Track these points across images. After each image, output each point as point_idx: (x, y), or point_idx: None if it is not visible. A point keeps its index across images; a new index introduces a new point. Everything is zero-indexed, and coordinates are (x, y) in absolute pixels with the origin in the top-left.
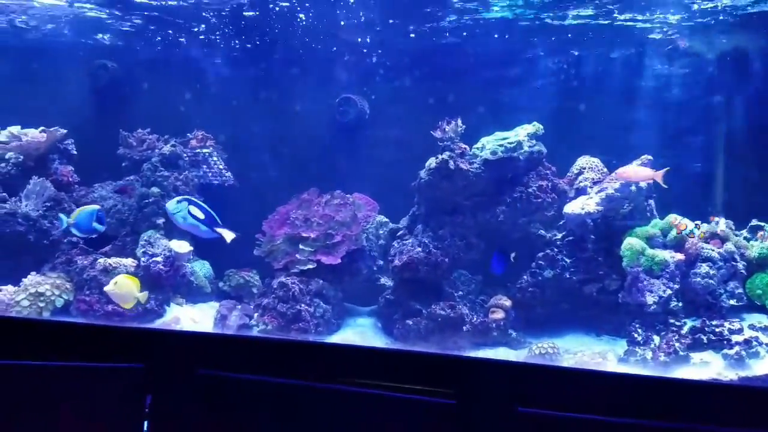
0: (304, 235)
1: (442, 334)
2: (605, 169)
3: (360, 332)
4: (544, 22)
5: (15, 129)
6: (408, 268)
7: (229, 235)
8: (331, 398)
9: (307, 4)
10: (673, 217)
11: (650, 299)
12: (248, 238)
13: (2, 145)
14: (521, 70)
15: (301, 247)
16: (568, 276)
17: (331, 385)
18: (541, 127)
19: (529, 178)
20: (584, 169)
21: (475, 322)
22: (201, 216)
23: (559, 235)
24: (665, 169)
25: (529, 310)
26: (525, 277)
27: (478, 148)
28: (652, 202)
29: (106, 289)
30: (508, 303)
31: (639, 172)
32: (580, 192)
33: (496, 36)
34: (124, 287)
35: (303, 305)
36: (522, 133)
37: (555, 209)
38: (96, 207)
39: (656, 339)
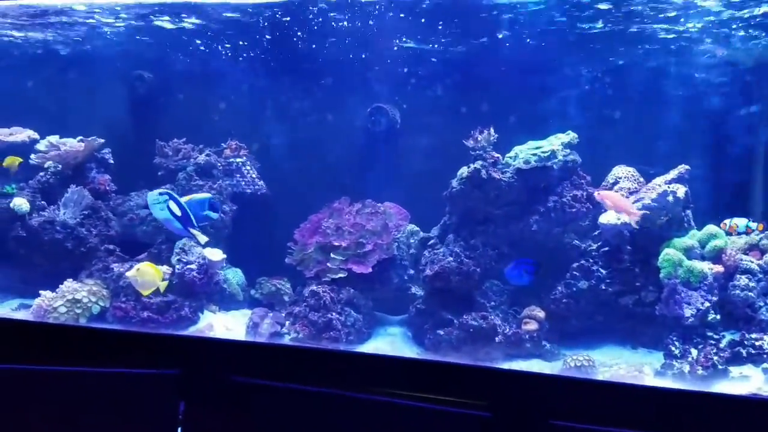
0: (335, 243)
1: (474, 344)
2: (641, 179)
3: (390, 342)
4: (581, 29)
5: (54, 138)
6: (439, 277)
7: (202, 239)
8: (362, 408)
9: (339, 14)
10: (723, 224)
11: (688, 312)
12: (280, 246)
13: (41, 155)
14: (555, 79)
15: (332, 255)
16: (603, 287)
17: (362, 395)
18: (576, 136)
19: (563, 187)
20: (620, 178)
21: (508, 333)
22: (178, 213)
23: (595, 246)
24: (642, 212)
25: (564, 322)
26: (559, 288)
27: (511, 158)
28: (689, 212)
29: (128, 274)
30: (541, 314)
31: (619, 202)
32: None
33: (529, 44)
34: (147, 274)
35: (334, 314)
36: (556, 142)
37: (590, 219)
38: (208, 195)
39: (694, 352)
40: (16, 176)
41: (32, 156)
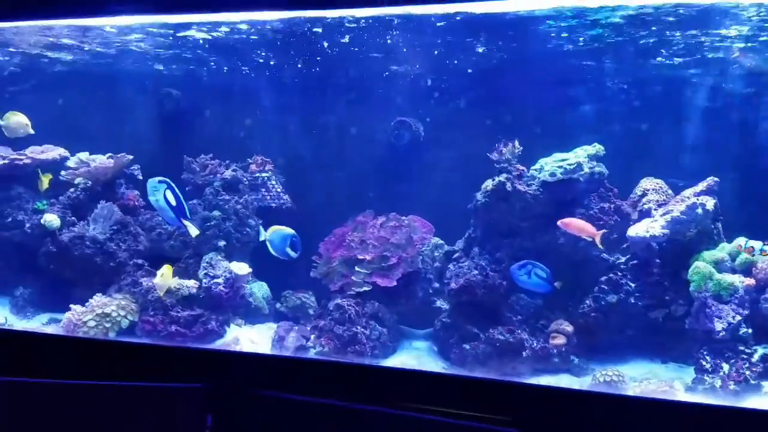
0: (359, 257)
1: (501, 359)
2: (670, 191)
3: (416, 356)
4: (605, 40)
5: (84, 155)
6: (465, 291)
7: (193, 231)
8: (388, 422)
9: (363, 30)
10: (739, 246)
11: (719, 325)
12: (305, 260)
13: (71, 171)
14: (581, 90)
15: (356, 269)
16: (632, 301)
17: (388, 409)
18: (602, 147)
19: (590, 200)
20: (648, 190)
21: (536, 348)
22: (173, 203)
23: (623, 259)
24: (603, 231)
25: (592, 336)
26: (587, 301)
27: (536, 170)
28: (719, 225)
29: (155, 281)
30: (569, 328)
31: (580, 225)
32: (644, 214)
33: (554, 56)
34: (167, 278)
35: (359, 327)
36: (582, 154)
37: (618, 232)
38: (291, 231)
39: (725, 367)
40: (47, 193)
41: (62, 172)
